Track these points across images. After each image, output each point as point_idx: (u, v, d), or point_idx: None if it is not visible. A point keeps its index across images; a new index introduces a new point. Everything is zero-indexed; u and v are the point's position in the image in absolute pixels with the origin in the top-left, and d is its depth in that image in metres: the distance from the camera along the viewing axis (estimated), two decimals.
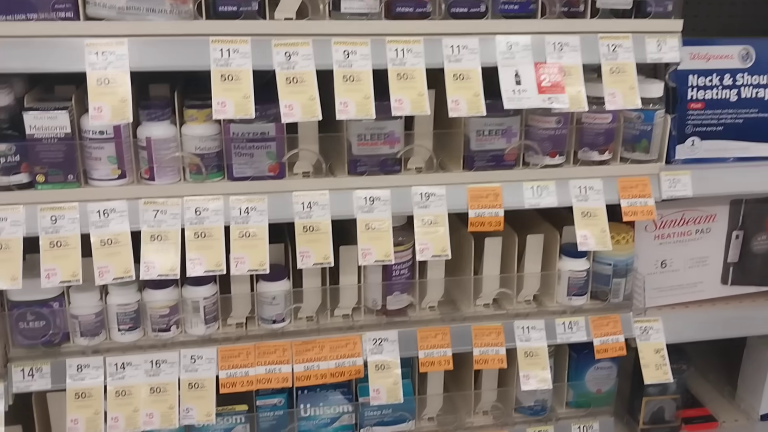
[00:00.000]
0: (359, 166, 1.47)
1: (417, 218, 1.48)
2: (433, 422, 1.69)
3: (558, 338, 1.62)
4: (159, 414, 1.43)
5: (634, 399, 1.80)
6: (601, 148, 1.57)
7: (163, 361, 1.45)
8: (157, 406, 1.43)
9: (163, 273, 1.37)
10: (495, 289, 1.63)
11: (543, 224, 1.66)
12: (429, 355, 1.56)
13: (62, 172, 1.36)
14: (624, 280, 1.67)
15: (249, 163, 1.41)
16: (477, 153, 1.51)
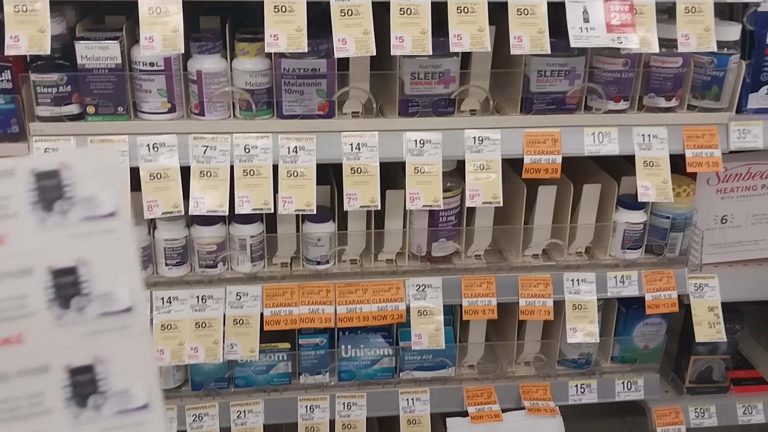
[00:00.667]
0: (411, 107, 1.42)
1: (469, 163, 1.42)
2: (474, 370, 1.68)
3: (609, 292, 1.57)
4: (204, 348, 1.44)
5: (682, 357, 1.76)
6: (668, 94, 1.49)
7: (209, 296, 1.46)
8: (202, 341, 1.45)
9: (212, 209, 1.36)
10: (546, 239, 1.58)
11: (600, 173, 1.60)
12: (473, 304, 1.54)
13: (112, 103, 1.34)
14: (681, 234, 1.60)
15: (299, 101, 1.37)
16: (536, 95, 1.44)
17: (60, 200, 0.49)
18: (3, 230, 0.48)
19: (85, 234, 0.50)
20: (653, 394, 1.70)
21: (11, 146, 1.33)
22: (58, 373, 0.49)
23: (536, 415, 1.59)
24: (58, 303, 0.49)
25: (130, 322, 0.50)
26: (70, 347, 0.49)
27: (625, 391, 1.68)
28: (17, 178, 0.49)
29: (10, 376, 0.48)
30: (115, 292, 0.50)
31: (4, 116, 1.32)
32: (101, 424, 0.50)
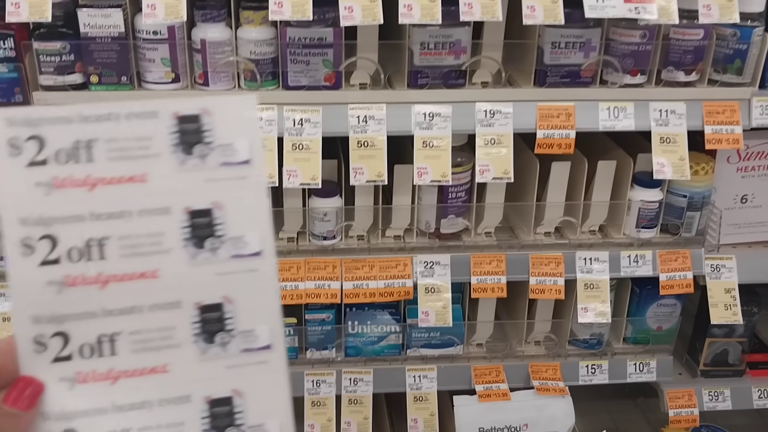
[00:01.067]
0: (420, 78, 1.38)
1: (479, 137, 1.39)
2: (482, 348, 1.65)
3: (622, 271, 1.53)
4: None
5: (697, 339, 1.72)
6: (687, 68, 1.43)
7: None
8: None
9: None
10: (558, 217, 1.54)
11: (615, 150, 1.55)
12: (482, 282, 1.51)
13: (116, 73, 1.32)
14: (699, 213, 1.56)
15: (304, 72, 1.34)
16: (550, 68, 1.40)
17: (199, 144, 0.51)
18: (145, 169, 0.50)
19: (221, 179, 0.51)
20: (666, 376, 1.67)
21: None
22: (189, 309, 0.51)
23: (545, 395, 1.57)
24: (193, 242, 0.51)
25: (258, 265, 0.52)
26: (201, 285, 0.51)
27: (637, 373, 1.65)
28: (160, 120, 0.50)
29: (143, 309, 0.50)
30: (246, 236, 0.52)
31: (7, 85, 1.31)
32: (226, 361, 0.52)
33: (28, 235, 0.49)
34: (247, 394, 0.52)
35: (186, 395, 0.51)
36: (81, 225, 0.50)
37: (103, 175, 0.50)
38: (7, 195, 0.49)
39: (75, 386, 0.50)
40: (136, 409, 0.50)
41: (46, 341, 0.49)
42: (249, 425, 0.52)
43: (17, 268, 0.49)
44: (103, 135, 0.50)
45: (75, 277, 0.50)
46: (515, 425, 1.55)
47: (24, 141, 0.49)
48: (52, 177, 0.49)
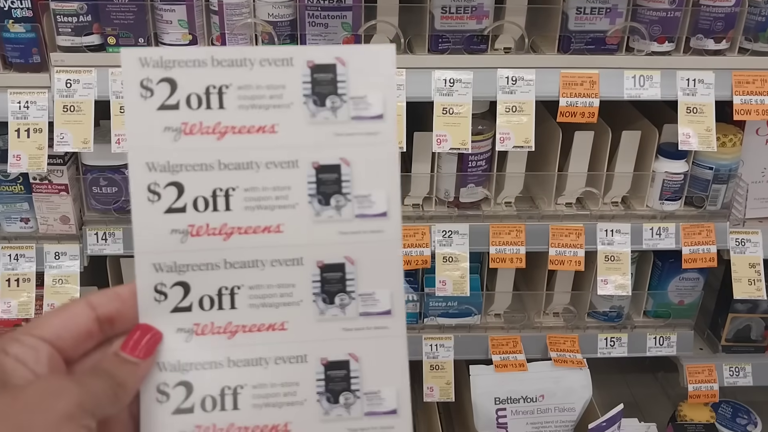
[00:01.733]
0: (441, 43, 1.35)
1: (500, 104, 1.36)
2: (500, 319, 1.64)
3: (644, 244, 1.51)
4: None
5: (719, 314, 1.69)
6: (717, 36, 1.39)
7: None
8: None
9: None
10: (580, 187, 1.51)
11: (641, 120, 1.51)
12: (500, 252, 1.49)
13: (133, 34, 1.31)
14: (724, 186, 1.52)
15: (323, 35, 1.32)
16: (575, 34, 1.36)
17: (332, 96, 0.49)
18: (275, 119, 0.48)
19: (351, 133, 0.49)
20: (686, 351, 1.64)
21: (33, 76, 1.32)
22: (310, 267, 0.50)
23: (562, 367, 1.56)
24: (318, 198, 0.49)
25: (383, 227, 0.50)
26: (324, 243, 0.49)
27: (657, 347, 1.63)
28: (295, 68, 0.48)
29: (265, 263, 0.49)
30: (373, 195, 0.50)
31: (25, 45, 1.30)
32: (345, 323, 0.50)
33: (154, 181, 0.48)
34: (363, 359, 0.50)
35: (302, 355, 0.50)
36: (208, 174, 0.48)
37: (234, 123, 0.48)
38: (135, 138, 0.48)
39: (192, 338, 0.49)
40: (252, 366, 0.49)
41: (167, 290, 0.48)
42: (364, 391, 0.50)
43: (141, 214, 0.48)
44: (236, 81, 0.48)
45: (199, 226, 0.48)
46: (531, 396, 1.55)
47: (156, 83, 0.47)
48: (182, 122, 0.48)
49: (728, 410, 1.74)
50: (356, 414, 0.50)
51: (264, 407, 0.49)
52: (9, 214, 1.43)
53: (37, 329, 0.44)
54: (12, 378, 0.41)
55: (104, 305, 0.46)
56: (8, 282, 1.43)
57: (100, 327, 0.46)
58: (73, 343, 0.45)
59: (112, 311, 0.47)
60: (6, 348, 0.43)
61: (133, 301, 0.48)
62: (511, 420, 1.56)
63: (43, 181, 1.40)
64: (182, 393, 0.48)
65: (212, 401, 0.48)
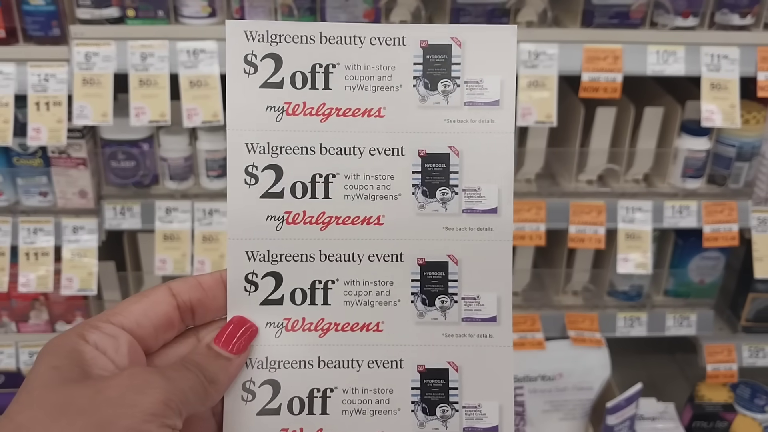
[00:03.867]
0: (462, 17, 1.33)
1: (522, 78, 1.34)
2: (519, 297, 1.63)
3: (665, 222, 1.49)
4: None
5: (739, 294, 1.67)
6: (743, 11, 1.37)
7: None
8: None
9: None
10: (602, 164, 1.50)
11: (664, 96, 1.49)
12: (520, 229, 1.48)
13: (152, 6, 1.30)
14: (747, 164, 1.50)
15: (343, 7, 1.31)
16: (598, 8, 1.34)
17: (445, 78, 0.46)
18: (383, 102, 0.46)
19: (464, 120, 0.46)
20: (706, 331, 1.63)
21: (52, 49, 1.31)
22: (410, 264, 0.46)
23: (581, 346, 1.55)
24: (423, 190, 0.46)
25: (492, 223, 0.46)
26: (427, 239, 0.46)
27: (676, 326, 1.62)
28: (407, 48, 0.45)
29: (363, 257, 0.46)
30: (483, 189, 0.46)
31: (45, 18, 1.29)
32: (445, 328, 0.47)
33: (253, 163, 0.45)
34: (465, 368, 0.46)
35: (398, 359, 0.46)
36: (309, 158, 0.45)
37: (339, 104, 0.45)
38: (237, 116, 0.45)
39: (282, 333, 0.46)
40: (344, 368, 0.46)
41: (258, 281, 0.46)
42: (464, 404, 0.46)
43: (237, 198, 0.45)
44: (344, 60, 0.45)
45: (296, 214, 0.46)
46: (550, 374, 1.54)
47: (260, 59, 0.45)
48: (285, 102, 0.45)
49: (746, 391, 1.73)
50: (454, 429, 0.46)
51: (355, 414, 0.46)
52: (28, 188, 1.43)
53: (116, 316, 0.42)
54: (92, 368, 0.39)
55: (186, 293, 0.44)
56: (27, 256, 1.43)
57: (181, 316, 0.44)
58: (154, 332, 0.43)
59: (194, 300, 0.44)
60: (85, 335, 0.40)
61: (215, 291, 0.45)
62: (529, 398, 1.55)
63: (61, 154, 1.40)
64: (269, 392, 0.45)
65: (300, 403, 0.45)
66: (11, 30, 1.31)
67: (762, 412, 1.69)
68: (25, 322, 1.56)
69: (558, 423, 1.58)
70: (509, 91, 0.46)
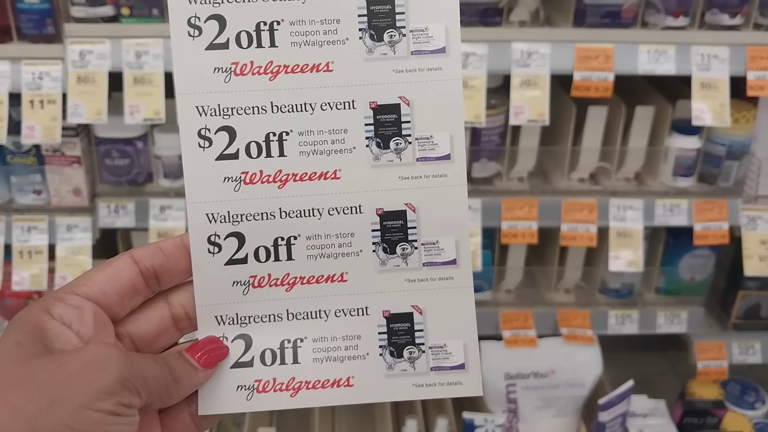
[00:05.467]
0: None
1: (515, 77, 1.36)
2: (511, 295, 1.64)
3: (656, 220, 1.51)
4: None
5: (729, 292, 1.69)
6: (733, 11, 1.38)
7: None
8: None
9: None
10: (594, 162, 1.51)
11: (655, 96, 1.51)
12: (512, 227, 1.49)
13: (147, 5, 1.31)
14: (737, 163, 1.52)
15: None
16: (590, 7, 1.36)
17: (391, 29, 0.46)
18: (330, 57, 0.46)
19: (412, 69, 0.46)
20: (696, 328, 1.65)
21: (47, 47, 1.31)
22: (369, 215, 0.46)
23: (573, 343, 1.56)
24: (376, 142, 0.46)
25: (447, 170, 0.47)
26: (384, 190, 0.47)
27: (667, 324, 1.63)
28: (351, 1, 0.46)
29: (323, 211, 0.47)
30: (435, 137, 0.46)
31: (39, 16, 1.30)
32: (407, 273, 0.48)
33: (205, 126, 0.46)
34: (428, 311, 0.47)
35: (363, 307, 0.47)
36: (261, 117, 0.46)
37: (287, 62, 0.45)
38: (184, 79, 0.45)
39: (250, 290, 0.47)
40: (312, 319, 0.47)
41: (221, 242, 0.46)
42: (430, 345, 0.47)
43: (192, 162, 0.46)
44: (288, 16, 0.45)
45: (253, 173, 0.46)
46: (542, 372, 1.55)
47: (204, 21, 0.45)
48: (233, 62, 0.45)
49: (737, 388, 1.74)
50: (422, 369, 0.48)
51: (325, 361, 0.47)
52: (22, 186, 1.43)
53: (80, 287, 0.42)
54: (55, 343, 0.39)
55: (148, 259, 0.45)
56: (21, 254, 1.43)
57: (145, 282, 0.45)
58: (119, 300, 0.43)
59: (156, 265, 0.45)
60: (49, 309, 0.41)
61: (177, 256, 0.46)
62: (521, 395, 1.56)
63: (55, 152, 1.40)
64: (241, 346, 0.47)
65: (272, 355, 0.47)
66: (5, 28, 1.31)
67: (752, 409, 1.70)
68: None
69: (551, 420, 1.59)
70: (455, 38, 0.46)
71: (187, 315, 0.47)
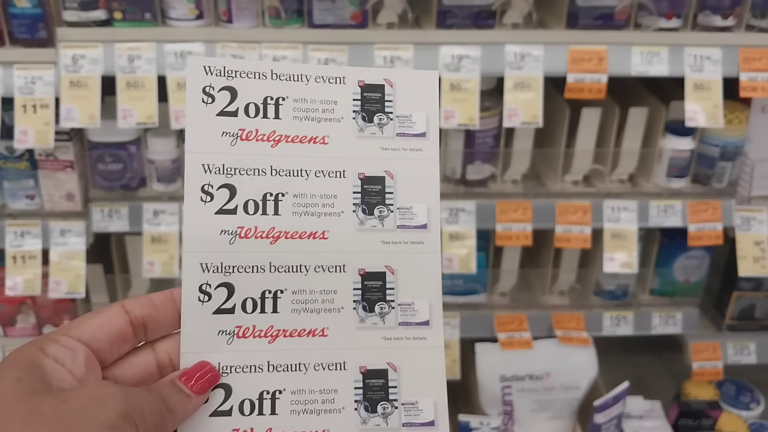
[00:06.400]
0: (449, 19, 1.34)
1: (508, 79, 1.36)
2: (506, 297, 1.64)
3: (650, 221, 1.51)
4: None
5: (724, 293, 1.69)
6: (725, 12, 1.38)
7: None
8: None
9: None
10: (587, 164, 1.51)
11: (648, 97, 1.51)
12: (507, 229, 1.49)
13: (140, 9, 1.30)
14: (731, 164, 1.52)
15: (330, 9, 1.31)
16: (583, 9, 1.36)
17: (380, 113, 0.52)
18: (327, 132, 0.51)
19: (396, 149, 0.52)
20: (691, 329, 1.65)
21: (39, 51, 1.31)
22: (352, 274, 0.51)
23: (568, 345, 1.56)
24: (362, 208, 0.51)
25: (424, 238, 0.52)
26: (367, 252, 0.51)
27: (662, 325, 1.63)
28: (347, 86, 0.52)
29: (309, 268, 0.50)
30: (414, 208, 0.52)
31: (31, 20, 1.29)
32: (384, 332, 0.50)
33: (209, 182, 0.49)
34: (402, 369, 0.50)
35: (342, 362, 0.50)
36: (261, 179, 0.50)
37: (288, 132, 0.51)
38: (194, 139, 0.50)
39: (234, 340, 0.49)
40: (292, 371, 0.49)
41: (211, 291, 0.49)
42: (402, 401, 0.50)
43: (193, 214, 0.49)
44: (292, 94, 0.51)
45: (248, 228, 0.50)
46: (537, 374, 1.55)
47: (217, 90, 0.50)
48: (240, 128, 0.50)
49: (732, 388, 1.75)
50: (394, 425, 0.50)
51: (302, 413, 0.48)
52: (15, 191, 1.43)
53: (73, 330, 0.44)
54: (52, 380, 0.41)
55: (138, 309, 0.47)
56: (14, 259, 1.42)
57: (134, 331, 0.47)
58: (108, 345, 0.45)
59: (146, 315, 0.47)
60: (44, 348, 0.42)
61: (166, 308, 0.48)
62: (517, 397, 1.56)
63: (48, 157, 1.39)
64: (221, 396, 0.48)
65: (250, 405, 0.48)
66: None
67: (747, 410, 1.71)
68: (12, 326, 1.55)
69: (546, 422, 1.59)
70: (434, 125, 0.53)
71: (172, 362, 0.48)
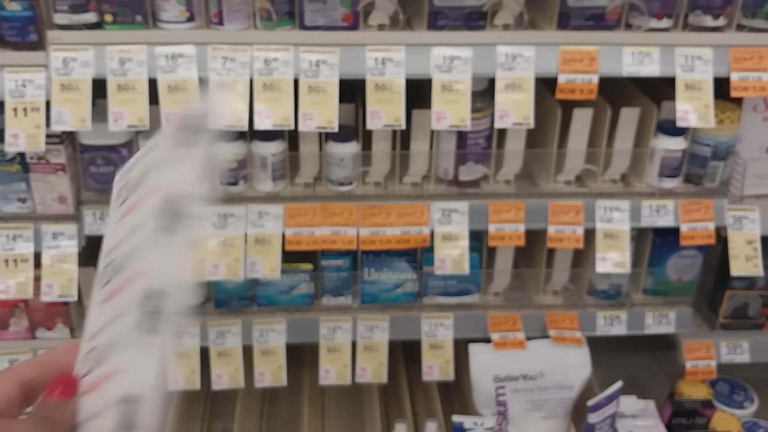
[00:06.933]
0: (440, 20, 1.34)
1: (499, 80, 1.36)
2: (500, 298, 1.65)
3: (642, 221, 1.51)
4: (225, 265, 1.43)
5: (717, 292, 1.70)
6: (716, 12, 1.39)
7: (231, 215, 1.44)
8: (223, 258, 1.43)
9: (231, 124, 1.32)
10: (580, 165, 1.51)
11: (640, 97, 1.51)
12: (500, 230, 1.49)
13: (130, 11, 1.30)
14: (722, 163, 1.52)
15: (321, 11, 1.31)
16: (574, 10, 1.36)
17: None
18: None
19: None
20: (685, 328, 1.65)
21: (30, 54, 1.31)
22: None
23: (561, 345, 1.56)
24: None
25: None
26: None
27: (656, 324, 1.64)
28: None
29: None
30: None
31: (21, 24, 1.29)
32: None
33: (106, 264, 0.55)
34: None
35: None
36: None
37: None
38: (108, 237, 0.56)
39: None
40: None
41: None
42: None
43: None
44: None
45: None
46: (531, 374, 1.55)
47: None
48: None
49: (725, 387, 1.75)
50: None
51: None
52: (6, 194, 1.42)
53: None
54: None
55: (26, 373, 0.54)
56: (6, 263, 1.42)
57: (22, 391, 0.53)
58: (8, 405, 0.52)
59: (32, 376, 0.54)
60: None
61: (46, 370, 0.54)
62: (511, 397, 1.57)
63: (40, 160, 1.39)
64: None
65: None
66: None
67: (740, 408, 1.71)
68: (5, 330, 1.55)
69: (540, 422, 1.60)
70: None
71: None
